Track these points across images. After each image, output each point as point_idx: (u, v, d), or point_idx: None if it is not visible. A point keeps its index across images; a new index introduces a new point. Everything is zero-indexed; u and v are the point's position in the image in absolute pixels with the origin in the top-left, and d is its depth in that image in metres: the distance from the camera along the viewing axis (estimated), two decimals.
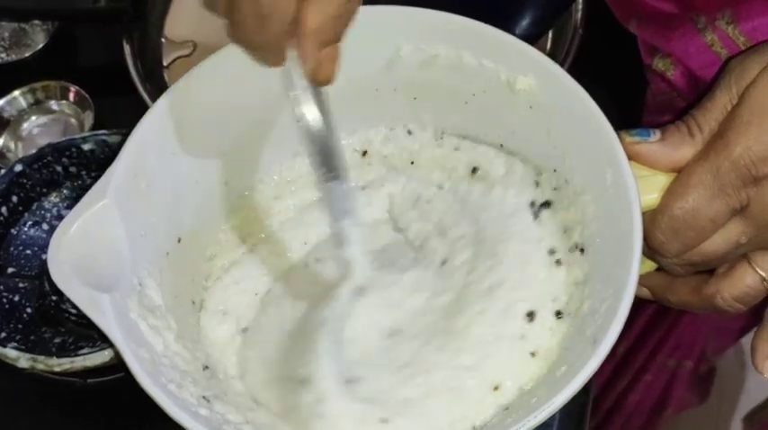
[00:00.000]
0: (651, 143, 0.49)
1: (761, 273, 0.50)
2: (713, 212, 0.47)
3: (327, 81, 0.40)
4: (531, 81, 0.52)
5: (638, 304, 0.44)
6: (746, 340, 0.98)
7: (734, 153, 0.46)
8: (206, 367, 0.50)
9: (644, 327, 0.85)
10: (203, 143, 0.53)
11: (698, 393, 1.03)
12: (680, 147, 0.49)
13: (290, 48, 0.40)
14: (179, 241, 0.53)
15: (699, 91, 0.55)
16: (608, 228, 0.47)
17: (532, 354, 0.48)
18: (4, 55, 0.74)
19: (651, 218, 0.48)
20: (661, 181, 0.49)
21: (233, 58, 0.52)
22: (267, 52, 0.40)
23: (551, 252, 0.51)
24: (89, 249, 0.46)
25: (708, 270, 0.52)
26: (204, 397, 0.45)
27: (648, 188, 0.49)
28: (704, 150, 0.48)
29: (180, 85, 0.51)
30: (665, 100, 0.61)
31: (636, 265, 0.44)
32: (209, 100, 0.52)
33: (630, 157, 0.48)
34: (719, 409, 1.27)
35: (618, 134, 0.48)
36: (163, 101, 0.51)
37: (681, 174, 0.49)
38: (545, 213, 0.53)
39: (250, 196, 0.58)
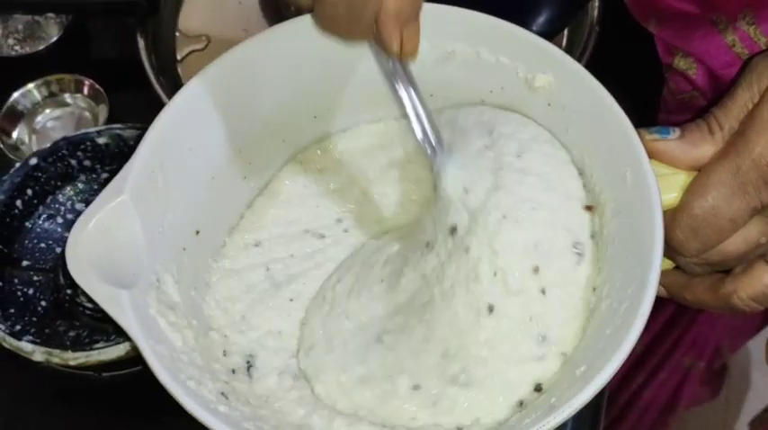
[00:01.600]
0: (671, 141, 0.49)
1: None
2: (733, 211, 0.47)
3: (412, 56, 0.43)
4: (549, 78, 0.51)
5: (657, 303, 0.44)
6: (753, 342, 0.98)
7: (754, 152, 0.46)
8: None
9: (662, 326, 0.85)
10: (220, 139, 0.53)
11: (710, 389, 1.02)
12: (700, 145, 0.49)
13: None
14: (197, 234, 0.53)
15: (720, 90, 0.54)
16: (628, 227, 0.47)
17: (548, 353, 0.48)
18: (18, 47, 0.74)
19: (671, 217, 0.48)
20: (681, 179, 0.49)
21: (249, 54, 0.52)
22: (355, 39, 0.42)
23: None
24: (107, 245, 0.46)
25: (725, 269, 0.52)
26: (223, 393, 0.45)
27: (668, 187, 0.48)
28: (724, 149, 0.48)
29: (196, 80, 0.51)
30: (685, 99, 0.61)
31: (657, 265, 0.43)
32: (226, 95, 0.52)
33: (650, 155, 0.47)
34: (728, 407, 1.27)
35: (637, 132, 0.48)
36: (179, 97, 0.51)
37: (701, 172, 0.48)
38: None
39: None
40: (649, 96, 0.65)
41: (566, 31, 0.72)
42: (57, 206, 0.62)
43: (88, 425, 0.58)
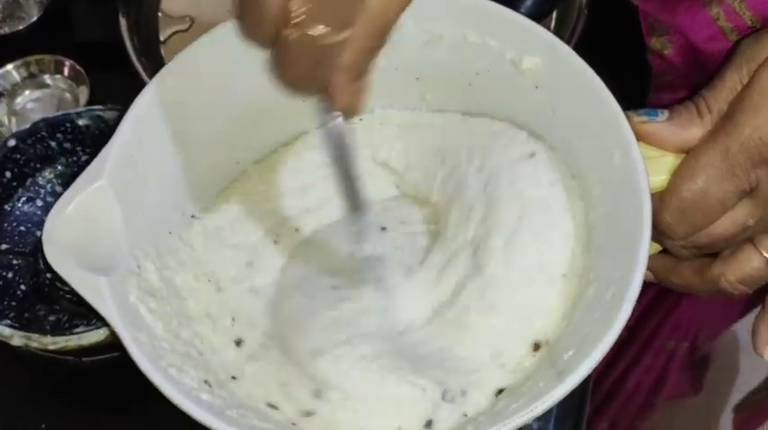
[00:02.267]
0: (659, 123, 0.49)
1: (766, 255, 0.49)
2: (722, 194, 0.47)
3: (356, 113, 0.40)
4: (537, 60, 0.51)
5: (642, 286, 0.43)
6: (740, 326, 0.98)
7: (743, 134, 0.46)
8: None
9: (645, 309, 0.85)
10: (201, 120, 0.52)
11: (691, 382, 1.03)
12: (688, 127, 0.48)
13: None
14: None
15: (698, 67, 0.54)
16: (615, 210, 0.46)
17: (533, 339, 0.48)
18: None
19: (659, 199, 0.48)
20: (669, 162, 0.49)
21: (231, 34, 0.51)
22: (309, 91, 0.40)
23: None
24: (85, 231, 0.45)
25: (712, 252, 0.51)
26: (206, 381, 0.44)
27: (656, 169, 0.48)
28: (713, 131, 0.48)
29: (176, 61, 0.50)
30: (666, 81, 0.60)
31: (645, 248, 0.43)
32: (207, 77, 0.52)
33: (638, 138, 0.47)
34: (715, 393, 1.28)
35: (625, 114, 0.48)
36: (159, 78, 0.50)
37: (689, 154, 0.48)
38: None
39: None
40: (637, 79, 0.65)
41: (554, 14, 0.72)
42: (36, 189, 0.61)
43: (68, 409, 0.57)
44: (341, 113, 0.40)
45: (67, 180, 0.60)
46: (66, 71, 0.70)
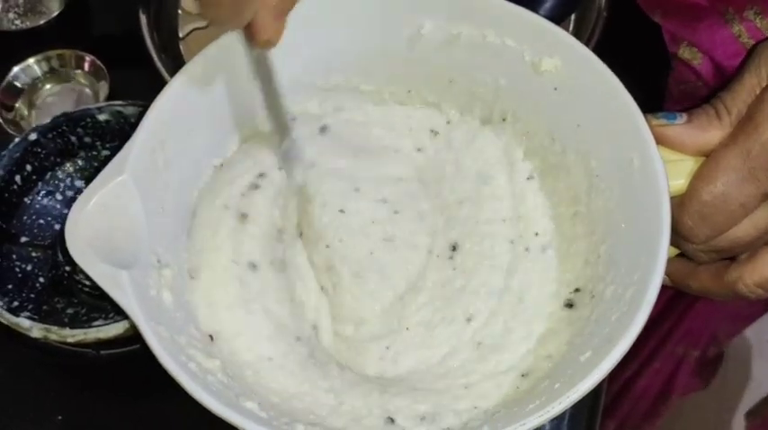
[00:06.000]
0: (678, 126, 0.49)
1: None
2: (744, 197, 0.47)
3: (273, 46, 0.44)
4: (556, 62, 0.51)
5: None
6: (751, 329, 0.98)
7: (764, 136, 0.46)
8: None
9: (658, 313, 0.85)
10: (222, 120, 0.52)
11: (703, 378, 1.02)
12: (707, 130, 0.48)
13: None
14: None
15: (724, 82, 0.54)
16: (634, 213, 0.46)
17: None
18: (18, 22, 0.73)
19: (678, 203, 0.48)
20: (688, 166, 0.48)
21: None
22: (233, 26, 0.44)
23: None
24: (107, 225, 0.45)
25: (730, 257, 0.51)
26: (224, 374, 0.45)
27: (675, 173, 0.48)
28: (733, 134, 0.47)
29: (198, 60, 0.50)
30: (688, 89, 0.60)
31: (664, 251, 0.43)
32: (228, 75, 0.52)
33: (656, 141, 0.47)
34: (723, 396, 1.27)
35: (644, 117, 0.48)
36: (181, 76, 0.50)
37: (709, 158, 0.48)
38: None
39: None
40: (656, 83, 0.65)
41: (573, 17, 0.72)
42: (56, 182, 0.61)
43: (86, 402, 0.58)
44: (259, 46, 0.44)
45: (87, 174, 0.61)
46: (86, 66, 0.70)
